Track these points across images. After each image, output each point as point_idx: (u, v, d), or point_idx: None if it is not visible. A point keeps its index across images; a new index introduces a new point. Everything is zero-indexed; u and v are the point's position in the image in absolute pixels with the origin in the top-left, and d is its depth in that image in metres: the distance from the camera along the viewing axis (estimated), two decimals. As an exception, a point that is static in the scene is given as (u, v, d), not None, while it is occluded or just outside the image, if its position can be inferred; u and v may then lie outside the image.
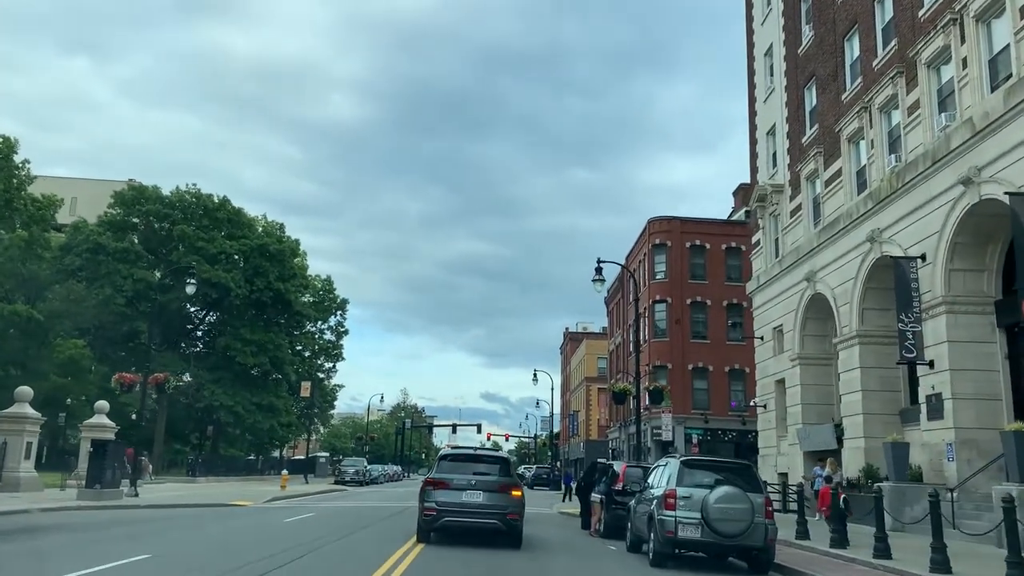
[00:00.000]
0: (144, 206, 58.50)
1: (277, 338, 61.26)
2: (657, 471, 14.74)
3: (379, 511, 26.38)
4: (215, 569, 11.12)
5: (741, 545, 12.67)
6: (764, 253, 34.69)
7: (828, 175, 28.45)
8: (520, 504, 15.79)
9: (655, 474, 14.81)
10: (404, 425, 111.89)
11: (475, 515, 15.40)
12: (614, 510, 18.45)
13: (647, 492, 14.73)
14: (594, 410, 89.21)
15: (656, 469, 14.92)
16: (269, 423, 60.30)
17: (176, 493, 34.12)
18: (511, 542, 15.64)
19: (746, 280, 52.98)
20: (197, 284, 55.67)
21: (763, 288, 34.38)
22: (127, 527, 17.50)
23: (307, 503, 31.19)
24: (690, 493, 12.86)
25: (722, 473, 13.37)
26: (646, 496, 14.60)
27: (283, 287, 59.09)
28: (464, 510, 15.39)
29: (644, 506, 14.49)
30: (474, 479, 15.67)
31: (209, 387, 57.90)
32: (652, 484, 14.63)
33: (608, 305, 75.91)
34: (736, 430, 51.25)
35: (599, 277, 26.44)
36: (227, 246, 58.50)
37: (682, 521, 12.66)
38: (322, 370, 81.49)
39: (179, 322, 60.96)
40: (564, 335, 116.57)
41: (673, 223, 54.26)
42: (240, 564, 11.49)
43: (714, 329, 53.02)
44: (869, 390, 25.17)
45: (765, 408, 34.13)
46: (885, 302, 25.58)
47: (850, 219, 25.91)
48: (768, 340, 33.72)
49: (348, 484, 56.86)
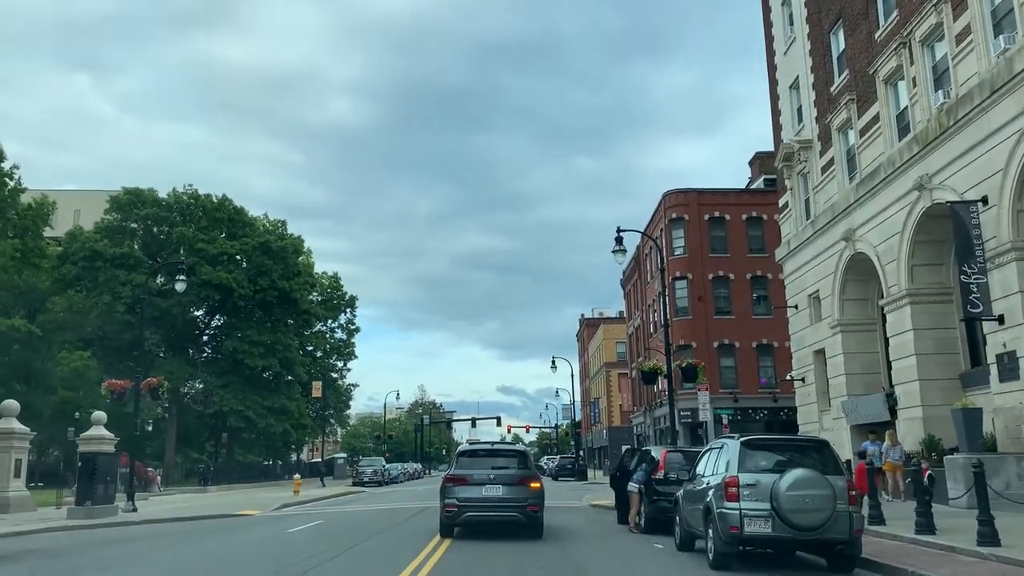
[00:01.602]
0: (141, 210, 56.57)
1: (285, 338, 59.25)
2: (709, 456, 12.53)
3: (395, 514, 24.31)
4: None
5: (822, 539, 10.46)
6: (794, 216, 32.34)
7: (863, 123, 26.09)
8: (539, 496, 15.87)
9: (706, 459, 12.59)
10: (422, 422, 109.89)
11: (496, 508, 15.60)
12: (656, 502, 16.26)
13: (698, 481, 12.55)
14: (615, 396, 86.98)
15: (708, 454, 12.71)
16: (282, 426, 58.35)
17: (182, 505, 32.20)
18: (533, 533, 15.77)
19: (771, 250, 50.63)
20: (199, 286, 54.08)
21: (794, 253, 32.05)
22: (105, 550, 15.47)
23: (319, 509, 29.18)
24: (756, 480, 10.65)
25: (792, 453, 11.14)
26: (698, 486, 12.41)
27: (288, 285, 57.03)
28: (485, 504, 15.56)
29: (696, 497, 12.31)
30: (493, 473, 15.84)
31: (218, 392, 56.01)
32: (703, 472, 12.43)
33: (624, 287, 73.61)
34: (768, 408, 48.97)
35: (619, 247, 24.24)
36: (228, 246, 56.54)
37: (748, 514, 10.45)
38: (335, 369, 79.58)
39: (184, 327, 59.07)
40: (580, 321, 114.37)
41: (690, 195, 51.86)
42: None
43: (739, 304, 50.66)
44: (924, 354, 22.87)
45: (804, 382, 31.84)
46: (937, 256, 23.30)
47: (892, 167, 23.56)
48: (803, 308, 31.42)
49: (367, 485, 54.95)
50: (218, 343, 60.75)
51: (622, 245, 24.22)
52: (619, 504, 19.28)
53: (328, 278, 73.87)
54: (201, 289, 54.57)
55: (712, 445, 12.75)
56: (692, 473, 13.20)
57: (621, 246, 24.21)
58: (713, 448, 12.52)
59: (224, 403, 55.43)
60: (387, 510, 26.55)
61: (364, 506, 29.98)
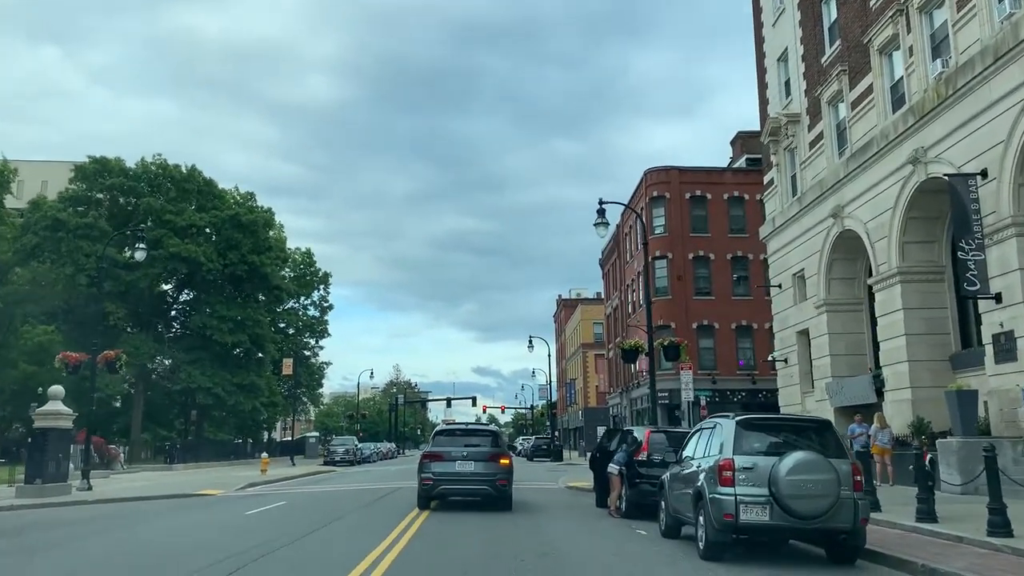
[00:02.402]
0: (107, 180, 54.59)
1: (256, 314, 57.65)
2: (700, 437, 11.55)
3: (362, 495, 23.26)
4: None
5: (824, 528, 9.52)
6: (779, 192, 31.47)
7: (855, 95, 25.17)
8: (508, 471, 17.33)
9: (696, 440, 11.62)
10: (396, 402, 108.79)
11: (468, 482, 17.00)
12: (638, 485, 15.30)
13: (686, 464, 11.60)
14: (591, 377, 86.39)
15: (698, 434, 11.72)
16: (251, 404, 56.85)
17: (142, 484, 30.98)
18: (503, 506, 17.18)
19: (752, 230, 49.86)
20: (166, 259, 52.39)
21: (780, 231, 31.21)
22: (43, 532, 14.30)
23: (285, 488, 28.08)
24: (753, 463, 9.68)
25: (791, 434, 10.17)
26: (686, 468, 11.45)
27: (258, 260, 55.35)
28: (458, 478, 16.93)
29: (685, 481, 11.34)
30: (466, 451, 17.11)
31: (186, 368, 54.42)
32: (693, 454, 11.47)
33: (603, 268, 72.74)
34: (746, 390, 48.37)
35: (602, 221, 23.18)
36: (197, 219, 54.73)
37: (745, 500, 9.48)
38: (308, 347, 78.16)
39: (151, 301, 57.33)
40: (557, 302, 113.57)
41: (671, 173, 50.89)
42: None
43: (719, 284, 49.89)
44: (915, 334, 22.11)
45: (786, 363, 31.12)
46: (930, 233, 22.51)
47: (885, 140, 22.69)
48: (787, 288, 30.63)
49: (338, 464, 53.83)
50: (187, 318, 59.12)
51: (604, 218, 23.18)
52: (598, 487, 18.36)
53: (301, 254, 72.32)
54: (168, 262, 52.90)
55: (703, 425, 11.78)
56: (680, 455, 12.23)
57: (603, 219, 23.16)
58: (704, 428, 11.54)
59: (192, 380, 53.89)
60: (355, 491, 25.50)
61: (332, 486, 28.92)
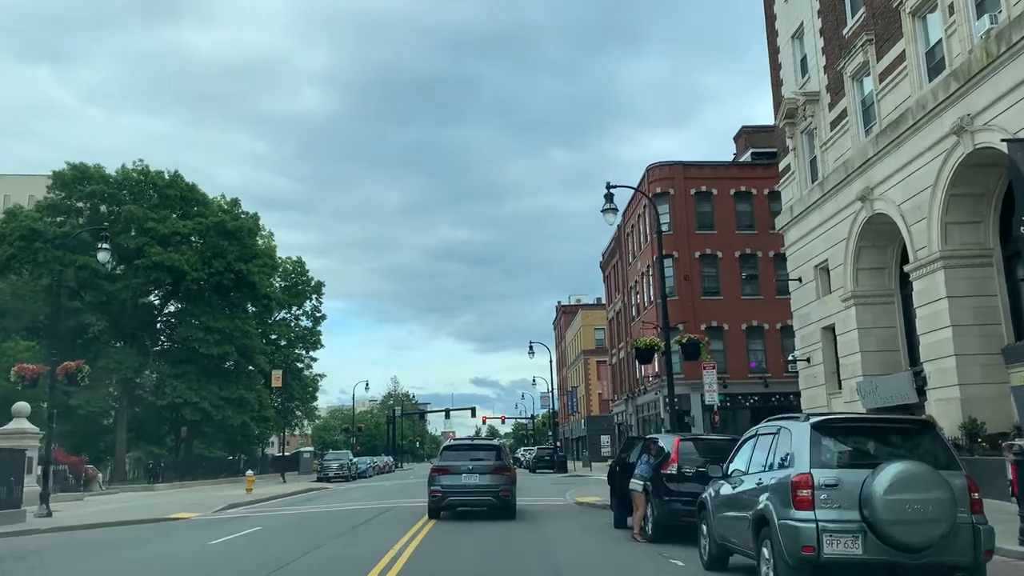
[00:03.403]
0: (87, 187, 52.29)
1: (244, 325, 55.23)
2: (754, 445, 9.28)
3: (350, 517, 20.92)
4: None
5: (936, 563, 7.24)
6: (797, 179, 29.25)
7: (883, 66, 22.99)
8: (510, 482, 18.57)
9: (751, 450, 9.34)
10: (394, 414, 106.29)
11: (473, 493, 18.30)
12: (668, 503, 13.01)
13: (736, 479, 9.35)
14: (594, 384, 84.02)
15: (752, 442, 9.45)
16: (240, 418, 54.34)
17: (115, 507, 28.58)
18: (507, 515, 18.22)
19: (761, 226, 47.73)
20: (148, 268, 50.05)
21: (798, 220, 28.98)
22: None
23: (268, 510, 25.72)
24: (836, 478, 7.43)
25: (884, 439, 7.91)
26: (738, 486, 9.19)
27: (245, 268, 52.94)
28: (464, 490, 18.24)
29: (736, 503, 9.08)
30: (471, 464, 18.38)
31: (171, 382, 52.03)
32: (747, 467, 9.20)
33: (604, 271, 70.50)
34: (759, 393, 46.07)
35: (610, 206, 20.95)
36: (180, 226, 52.37)
37: (829, 528, 7.23)
38: (301, 359, 75.67)
39: (135, 313, 54.90)
40: (557, 309, 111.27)
41: (675, 168, 48.69)
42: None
43: (727, 284, 47.64)
44: (962, 325, 19.83)
45: (809, 362, 28.83)
46: (976, 212, 20.27)
47: (922, 111, 20.47)
48: (809, 281, 28.38)
49: (333, 480, 51.43)
50: (172, 330, 56.73)
51: (612, 203, 20.97)
52: (617, 504, 16.04)
53: (292, 263, 69.88)
54: (151, 271, 50.58)
55: (760, 430, 9.48)
56: (726, 468, 9.94)
57: (612, 204, 20.95)
58: (762, 434, 9.22)
59: (178, 394, 51.49)
60: (344, 512, 23.15)
61: (321, 506, 26.56)
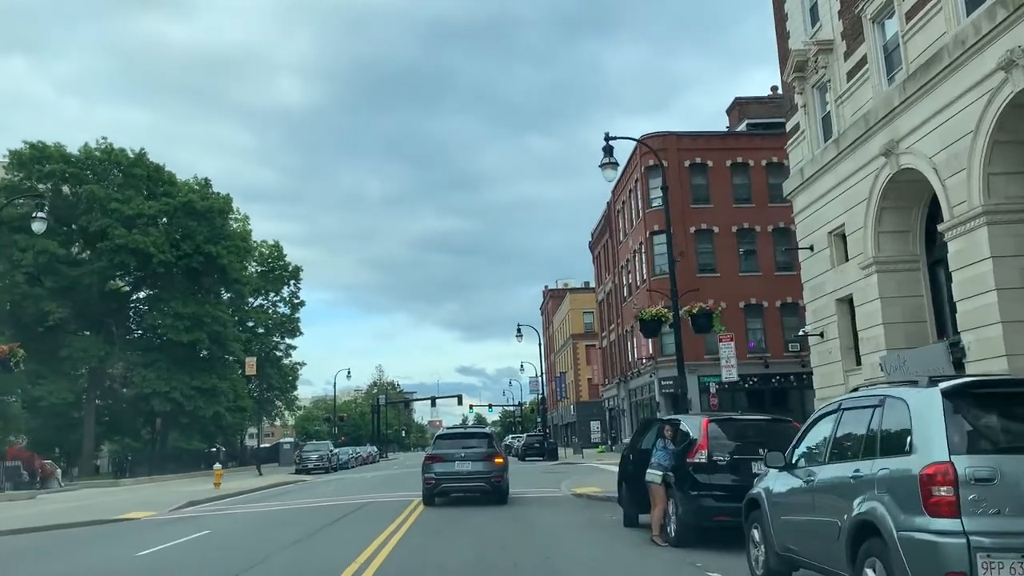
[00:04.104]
0: (46, 166, 49.31)
1: (215, 310, 52.52)
2: (835, 423, 6.87)
3: (318, 515, 18.47)
4: None
5: None
6: (808, 139, 26.87)
7: (909, 3, 20.57)
8: (502, 469, 19.05)
9: (827, 429, 6.95)
10: (378, 402, 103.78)
11: (466, 480, 18.63)
12: (696, 498, 10.64)
13: (806, 470, 6.97)
14: (583, 369, 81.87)
15: (831, 418, 7.02)
16: (213, 409, 51.74)
17: (66, 507, 26.01)
18: (498, 500, 18.59)
19: (759, 200, 45.51)
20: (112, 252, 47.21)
21: (810, 184, 26.61)
22: None
23: (230, 507, 23.23)
24: (993, 469, 5.05)
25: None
26: (812, 478, 6.81)
27: (215, 250, 50.20)
28: (457, 477, 18.58)
29: (810, 500, 6.72)
30: (463, 452, 18.79)
31: (140, 372, 49.32)
32: (824, 454, 6.82)
33: (593, 251, 68.13)
34: (758, 375, 43.96)
35: (610, 160, 18.49)
36: (146, 207, 49.55)
37: (984, 544, 4.86)
38: (280, 347, 72.98)
39: (101, 299, 52.03)
40: (544, 293, 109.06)
41: (668, 139, 46.20)
42: None
43: (724, 260, 45.35)
44: (1009, 288, 17.50)
45: (822, 337, 26.51)
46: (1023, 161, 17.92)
47: (961, 48, 18.07)
48: (822, 249, 26.05)
49: (312, 472, 48.88)
50: (140, 317, 53.94)
51: (612, 157, 18.52)
52: (628, 498, 13.61)
53: (268, 247, 67.12)
54: (115, 255, 47.82)
55: (846, 402, 7.01)
56: (789, 456, 7.55)
57: (611, 158, 18.50)
58: (850, 408, 6.79)
59: (147, 384, 48.81)
60: (313, 509, 20.70)
61: (289, 503, 24.07)
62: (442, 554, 11.21)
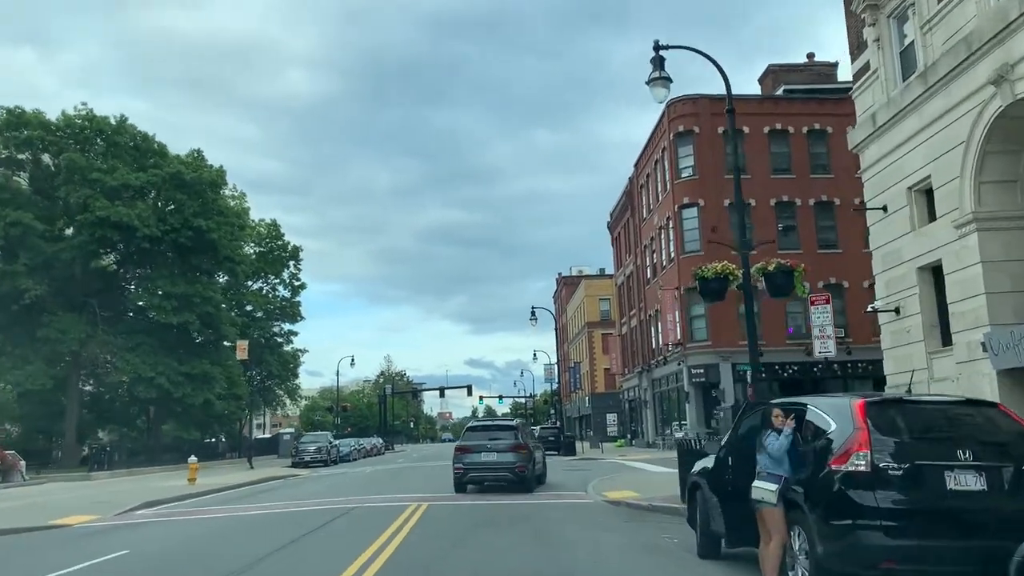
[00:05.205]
0: (23, 133, 45.58)
1: (206, 290, 48.71)
2: None
3: (287, 526, 14.57)
4: None
5: None
6: (882, 78, 22.64)
7: None
8: (526, 459, 20.26)
9: None
10: (385, 392, 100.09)
11: (492, 469, 20.28)
12: (847, 530, 6.49)
13: None
14: (599, 359, 77.85)
15: None
16: (203, 396, 47.95)
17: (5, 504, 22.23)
18: (523, 488, 19.72)
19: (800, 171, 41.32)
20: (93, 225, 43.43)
21: (884, 132, 22.39)
22: None
23: (189, 511, 19.35)
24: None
25: None
26: None
27: (205, 224, 46.36)
28: (484, 467, 20.30)
29: None
30: (489, 443, 20.46)
31: (123, 355, 45.60)
32: None
33: (612, 231, 63.98)
34: (798, 363, 39.83)
35: (660, 74, 14.42)
36: (132, 178, 45.81)
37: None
38: (280, 334, 69.19)
39: (84, 277, 48.31)
40: (557, 281, 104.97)
41: (700, 103, 42.01)
42: None
43: (761, 236, 41.07)
44: None
45: (898, 313, 22.33)
46: None
47: (1119, -70, 13.91)
48: (899, 208, 21.86)
49: (309, 465, 45.07)
50: (126, 298, 50.21)
51: (663, 70, 14.49)
52: (701, 519, 9.53)
53: (265, 226, 63.25)
54: (96, 228, 44.06)
55: None
56: None
57: (662, 71, 14.45)
58: None
59: (131, 369, 45.08)
60: (286, 516, 16.79)
61: (263, 506, 20.13)
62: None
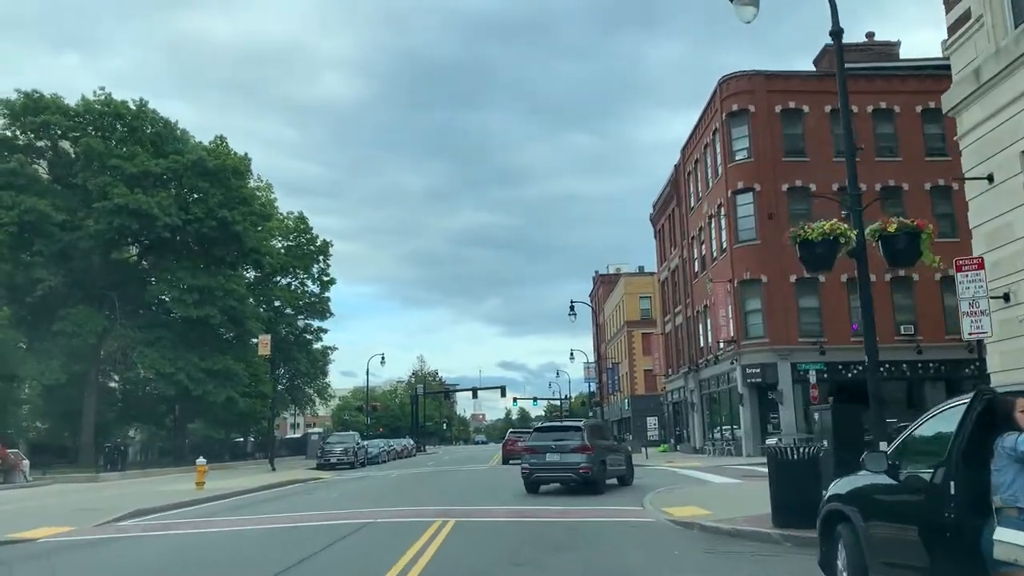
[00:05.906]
0: (40, 117, 43.64)
1: (230, 283, 46.47)
2: None
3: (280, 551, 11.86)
4: None
5: None
6: (987, 26, 19.39)
7: None
8: (591, 460, 19.85)
9: None
10: (417, 392, 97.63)
11: (556, 470, 20.22)
12: None
13: None
14: (639, 360, 74.65)
15: None
16: (224, 394, 45.63)
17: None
18: (588, 489, 19.51)
19: (863, 154, 37.89)
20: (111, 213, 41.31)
21: (990, 88, 19.14)
22: None
23: (179, 523, 16.72)
24: None
25: None
26: None
27: (230, 215, 44.08)
28: (548, 467, 20.29)
29: None
30: (554, 444, 20.45)
31: (141, 350, 43.49)
32: None
33: (655, 224, 60.78)
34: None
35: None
36: (152, 165, 43.72)
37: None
38: (309, 330, 66.90)
39: (103, 268, 46.26)
40: (594, 279, 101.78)
41: (755, 80, 38.78)
42: None
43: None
44: None
45: (1007, 301, 19.07)
46: None
47: None
48: (1010, 177, 18.60)
49: (335, 467, 42.68)
50: (143, 288, 48.12)
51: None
52: (850, 567, 6.52)
53: (293, 219, 60.97)
54: (115, 216, 41.95)
55: None
56: None
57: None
58: None
59: (149, 364, 42.96)
60: (284, 533, 14.09)
61: (266, 518, 17.45)
62: None
